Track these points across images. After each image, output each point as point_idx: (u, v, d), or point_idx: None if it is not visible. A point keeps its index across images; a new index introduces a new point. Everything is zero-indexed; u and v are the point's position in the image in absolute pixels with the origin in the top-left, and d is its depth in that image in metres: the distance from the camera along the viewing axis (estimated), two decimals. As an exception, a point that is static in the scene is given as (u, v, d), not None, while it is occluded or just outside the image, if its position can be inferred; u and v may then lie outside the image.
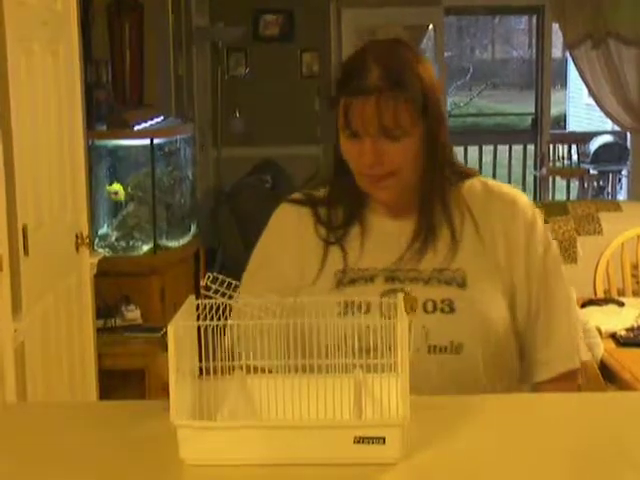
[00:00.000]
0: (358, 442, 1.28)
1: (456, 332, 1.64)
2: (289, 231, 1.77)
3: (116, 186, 4.74)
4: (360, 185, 1.70)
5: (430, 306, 1.65)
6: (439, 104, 1.66)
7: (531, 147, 8.26)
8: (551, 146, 8.22)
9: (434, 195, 1.69)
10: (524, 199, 1.76)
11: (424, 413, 1.38)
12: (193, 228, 5.34)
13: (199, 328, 1.34)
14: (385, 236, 1.72)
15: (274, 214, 1.82)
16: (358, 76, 1.61)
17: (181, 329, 1.29)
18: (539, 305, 1.72)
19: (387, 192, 1.68)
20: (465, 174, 1.76)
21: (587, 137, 9.17)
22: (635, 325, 3.08)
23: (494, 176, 9.01)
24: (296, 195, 1.82)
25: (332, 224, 1.74)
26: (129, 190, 4.79)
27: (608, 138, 8.92)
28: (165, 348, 1.29)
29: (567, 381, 1.73)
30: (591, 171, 8.76)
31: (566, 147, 8.91)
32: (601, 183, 9.01)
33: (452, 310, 1.65)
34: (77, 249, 3.36)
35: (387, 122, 1.60)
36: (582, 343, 1.78)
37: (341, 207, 1.74)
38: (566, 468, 1.28)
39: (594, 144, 8.90)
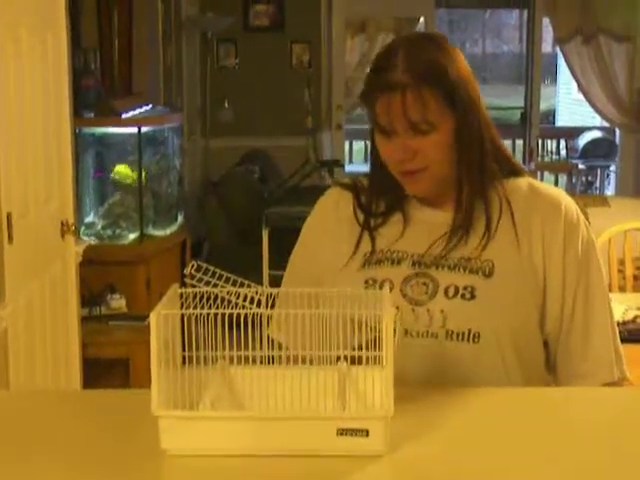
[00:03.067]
0: (341, 434, 1.27)
1: (474, 320, 1.62)
2: (329, 215, 1.80)
3: (123, 168, 4.73)
4: (397, 179, 1.71)
5: (452, 291, 1.64)
6: (470, 95, 1.65)
7: (520, 141, 8.26)
8: (540, 141, 8.24)
9: (471, 188, 1.68)
10: (570, 203, 1.72)
11: (408, 406, 1.37)
12: (180, 218, 5.33)
13: (182, 317, 1.33)
14: (423, 224, 1.72)
15: (320, 198, 1.85)
16: (385, 72, 1.62)
17: (163, 318, 1.27)
18: (575, 313, 1.69)
19: (419, 186, 1.69)
20: (514, 172, 1.75)
21: (576, 132, 9.20)
22: (620, 321, 3.08)
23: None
24: (345, 180, 1.85)
25: (372, 211, 1.75)
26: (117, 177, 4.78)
27: (597, 134, 8.95)
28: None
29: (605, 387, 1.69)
30: (579, 166, 8.78)
31: (555, 142, 8.94)
32: (589, 178, 9.03)
33: (473, 297, 1.63)
34: (63, 237, 3.34)
35: (414, 117, 1.60)
36: (623, 357, 1.74)
37: (382, 197, 1.76)
38: (552, 462, 1.28)
39: (583, 139, 8.92)
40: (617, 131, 7.99)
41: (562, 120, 12.96)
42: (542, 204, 1.71)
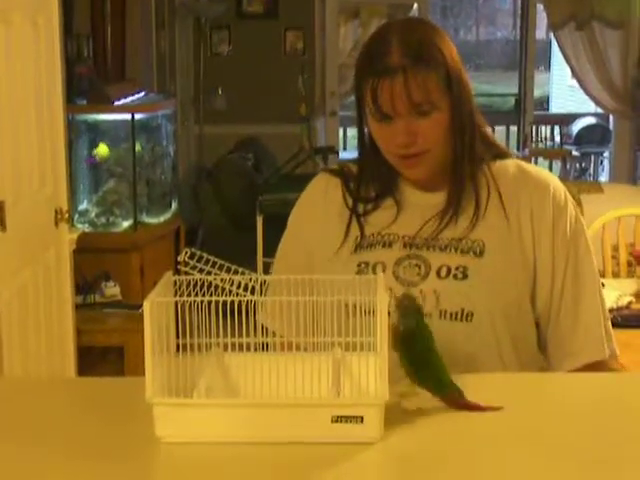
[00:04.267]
0: (336, 421, 1.27)
1: (467, 299, 1.63)
2: (317, 200, 1.81)
3: (101, 148, 4.71)
4: (394, 165, 1.71)
5: (444, 272, 1.66)
6: (462, 78, 1.68)
7: (514, 128, 8.26)
8: (534, 127, 8.23)
9: (462, 170, 1.70)
10: (557, 185, 1.74)
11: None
12: (174, 205, 5.32)
13: (176, 304, 1.32)
14: (416, 207, 1.73)
15: (309, 183, 1.86)
16: (381, 56, 1.62)
17: (157, 305, 1.27)
18: (564, 293, 1.70)
19: (419, 170, 1.69)
20: (500, 154, 1.77)
21: (570, 119, 9.20)
22: (615, 306, 3.08)
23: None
24: (333, 166, 1.86)
25: (361, 197, 1.76)
26: (110, 165, 4.77)
27: (591, 120, 8.95)
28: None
29: (593, 372, 1.70)
30: (573, 152, 8.78)
31: (549, 128, 8.92)
32: (583, 165, 9.04)
33: (465, 277, 1.64)
34: (56, 225, 3.33)
35: (416, 98, 1.61)
36: (613, 336, 1.74)
37: (373, 183, 1.76)
38: (546, 448, 1.28)
39: (577, 126, 8.92)
40: (611, 117, 7.98)
41: (556, 107, 12.96)
42: (530, 185, 1.73)
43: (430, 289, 1.64)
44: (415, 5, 7.41)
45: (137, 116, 4.78)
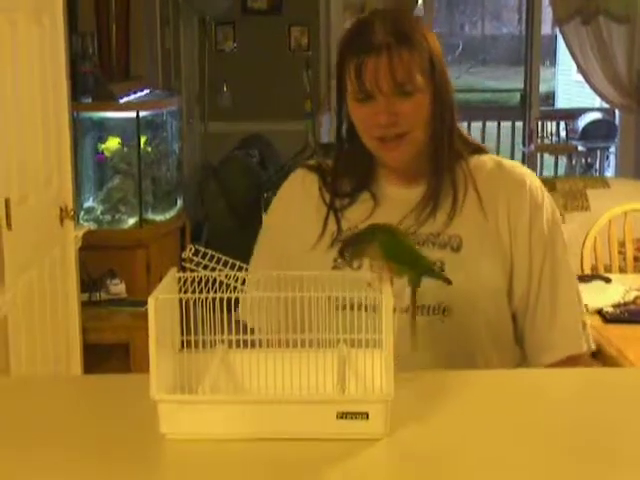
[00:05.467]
0: (341, 417, 1.27)
1: (445, 294, 1.63)
2: (294, 196, 1.81)
3: (111, 142, 4.71)
4: (372, 149, 1.71)
5: None
6: (444, 70, 1.70)
7: (519, 123, 8.23)
8: (539, 123, 8.21)
9: (443, 162, 1.70)
10: (534, 181, 1.75)
11: (409, 388, 1.37)
12: (179, 202, 5.32)
13: (181, 301, 1.32)
14: (393, 202, 1.73)
15: (286, 180, 1.86)
16: (366, 35, 1.63)
17: (161, 302, 1.27)
18: (541, 289, 1.71)
19: (399, 154, 1.69)
20: (476, 149, 1.78)
21: (576, 114, 9.17)
22: (621, 301, 3.08)
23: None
24: (310, 161, 1.86)
25: (338, 192, 1.76)
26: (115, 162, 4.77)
27: (597, 115, 8.92)
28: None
29: (570, 366, 1.71)
30: (579, 148, 8.76)
31: (554, 124, 8.90)
32: (589, 160, 9.01)
33: (442, 271, 1.64)
34: (62, 222, 3.33)
35: (400, 77, 1.62)
36: (589, 331, 1.75)
37: (349, 176, 1.76)
38: (551, 444, 1.28)
39: (582, 121, 8.89)
40: (617, 112, 7.96)
41: (562, 102, 12.93)
42: (507, 181, 1.73)
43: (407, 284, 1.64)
44: (420, 1, 7.40)
45: (142, 114, 4.78)
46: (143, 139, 4.82)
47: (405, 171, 1.73)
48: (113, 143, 4.73)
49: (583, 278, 3.36)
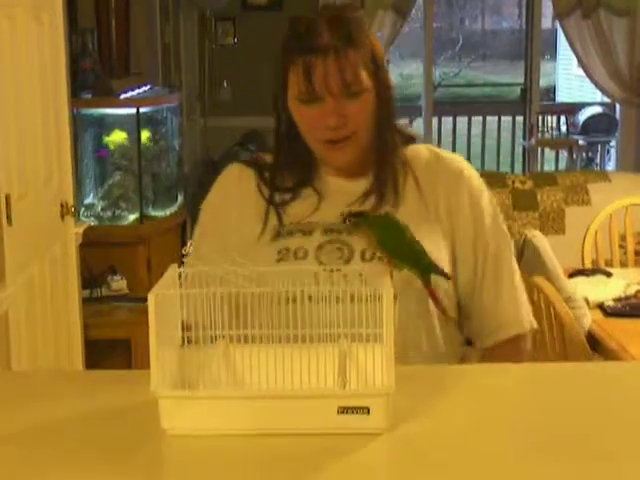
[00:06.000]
0: (342, 412, 1.27)
1: (393, 281, 1.62)
2: (231, 191, 1.80)
3: (115, 135, 4.71)
4: (316, 151, 1.70)
5: (368, 255, 1.66)
6: (385, 66, 1.70)
7: (520, 118, 8.22)
8: (540, 117, 8.20)
9: (388, 155, 1.72)
10: (471, 170, 1.78)
11: (410, 383, 1.37)
12: (180, 198, 5.31)
13: (181, 296, 1.32)
14: (337, 196, 1.73)
15: (219, 175, 1.84)
16: (312, 35, 1.63)
17: (162, 298, 1.27)
18: (485, 274, 1.74)
19: (345, 155, 1.69)
20: (409, 138, 1.79)
21: (576, 108, 9.15)
22: (622, 295, 3.08)
23: (483, 147, 9.00)
24: (244, 157, 1.87)
25: (278, 187, 1.75)
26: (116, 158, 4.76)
27: (597, 109, 8.91)
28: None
29: (514, 346, 1.75)
30: (580, 142, 8.75)
31: (555, 118, 8.89)
32: (590, 154, 9.00)
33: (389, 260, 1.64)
34: (62, 218, 3.33)
35: (348, 77, 1.62)
36: (530, 308, 1.79)
37: (290, 171, 1.76)
38: (551, 439, 1.28)
39: (583, 115, 8.88)
40: (617, 106, 7.95)
41: (562, 96, 12.91)
42: (445, 171, 1.75)
43: (355, 272, 1.62)
44: (420, -5, 7.38)
45: (142, 109, 4.77)
46: (145, 134, 4.81)
47: (349, 168, 1.73)
48: (118, 137, 4.73)
49: (584, 272, 3.36)
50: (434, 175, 1.74)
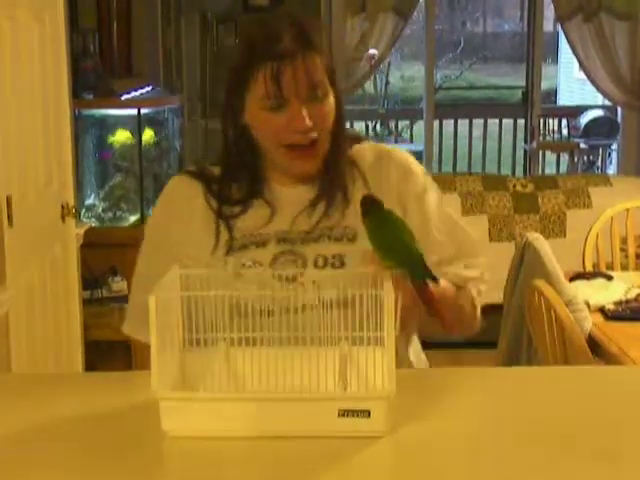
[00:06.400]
0: (343, 415, 1.26)
1: (346, 286, 1.59)
2: (179, 204, 1.77)
3: (120, 135, 4.70)
4: (281, 160, 1.69)
5: (321, 262, 1.65)
6: (337, 73, 1.71)
7: (521, 121, 8.22)
8: (541, 120, 8.20)
9: (340, 160, 1.72)
10: (417, 166, 1.78)
11: (410, 386, 1.37)
12: (181, 199, 5.30)
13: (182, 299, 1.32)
14: (287, 204, 1.72)
15: (166, 186, 1.83)
16: (275, 41, 1.61)
17: (163, 300, 1.27)
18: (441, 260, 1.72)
19: (311, 162, 1.69)
20: (354, 139, 1.80)
21: (578, 111, 9.16)
22: (623, 299, 3.07)
23: (484, 150, 9.01)
24: (190, 168, 1.81)
25: (226, 199, 1.73)
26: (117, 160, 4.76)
27: (599, 112, 8.91)
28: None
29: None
30: (581, 145, 8.75)
31: (556, 121, 8.89)
32: (591, 157, 9.00)
33: (342, 264, 1.64)
34: (63, 219, 3.33)
35: (316, 79, 1.63)
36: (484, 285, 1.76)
37: (238, 184, 1.73)
38: (552, 442, 1.28)
39: (584, 118, 8.88)
40: (619, 109, 7.95)
41: (564, 99, 12.93)
42: (392, 168, 1.75)
43: (309, 281, 1.60)
44: (422, -2, 7.38)
45: (144, 110, 4.77)
46: (147, 136, 4.81)
47: (309, 176, 1.72)
48: (123, 136, 4.72)
49: (585, 275, 3.36)
50: (381, 171, 1.75)
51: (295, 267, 1.64)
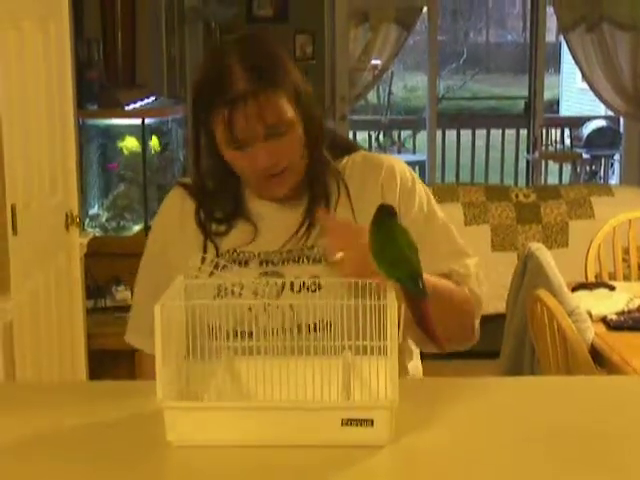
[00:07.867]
0: (346, 424, 1.27)
1: (323, 309, 1.56)
2: (174, 218, 1.79)
3: (128, 142, 4.71)
4: (253, 188, 1.70)
5: (297, 285, 1.64)
6: (307, 89, 1.68)
7: (524, 131, 8.24)
8: (544, 130, 8.21)
9: (320, 180, 1.71)
10: (402, 166, 1.76)
11: (414, 395, 1.38)
12: (184, 209, 5.31)
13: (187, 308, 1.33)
14: (270, 225, 1.72)
15: (163, 201, 1.85)
16: (227, 85, 1.59)
17: (168, 309, 1.27)
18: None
19: (282, 187, 1.69)
20: (347, 149, 1.78)
21: (580, 121, 9.17)
22: (626, 309, 3.08)
23: (487, 160, 9.02)
24: (187, 181, 1.82)
25: (214, 217, 1.74)
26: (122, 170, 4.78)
27: (601, 122, 8.92)
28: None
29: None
30: (584, 155, 8.76)
31: (559, 131, 8.91)
32: (593, 167, 9.01)
33: (319, 287, 1.62)
34: (67, 229, 3.34)
35: (271, 120, 1.60)
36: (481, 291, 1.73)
37: (222, 205, 1.74)
38: (554, 452, 1.28)
39: (587, 128, 8.89)
40: (621, 120, 7.96)
41: (566, 109, 12.93)
42: (375, 173, 1.74)
43: (287, 304, 1.59)
44: (425, 8, 7.41)
45: (147, 120, 4.79)
46: (152, 145, 4.82)
47: (285, 196, 1.72)
48: (131, 143, 4.74)
49: (587, 286, 3.36)
50: (365, 178, 1.73)
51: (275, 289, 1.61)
